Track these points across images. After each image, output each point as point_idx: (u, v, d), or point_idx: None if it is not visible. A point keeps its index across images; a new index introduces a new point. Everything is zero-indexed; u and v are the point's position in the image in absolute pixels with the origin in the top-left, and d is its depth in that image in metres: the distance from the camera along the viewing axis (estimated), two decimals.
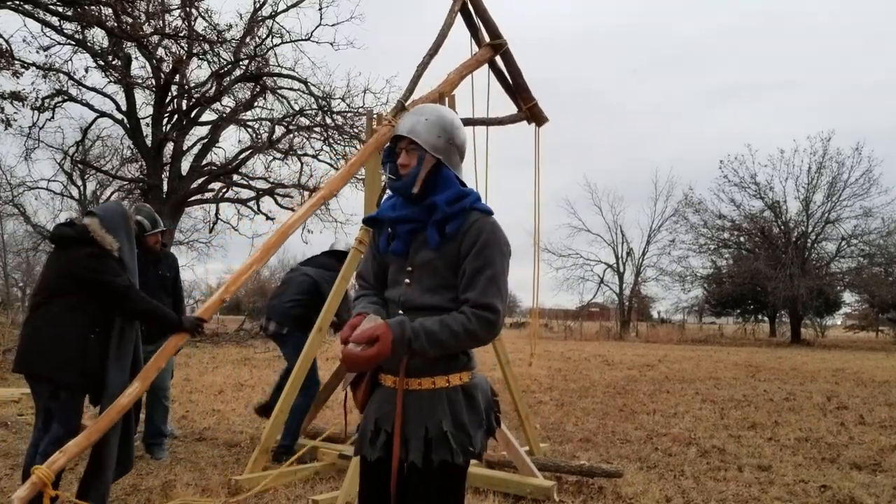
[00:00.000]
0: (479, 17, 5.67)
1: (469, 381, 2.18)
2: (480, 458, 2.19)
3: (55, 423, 3.77)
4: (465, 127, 4.88)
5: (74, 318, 3.81)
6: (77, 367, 3.78)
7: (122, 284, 3.83)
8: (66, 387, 3.77)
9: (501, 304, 2.09)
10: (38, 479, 3.32)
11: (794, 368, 15.30)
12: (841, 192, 31.28)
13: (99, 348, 3.83)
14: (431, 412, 2.11)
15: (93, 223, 3.90)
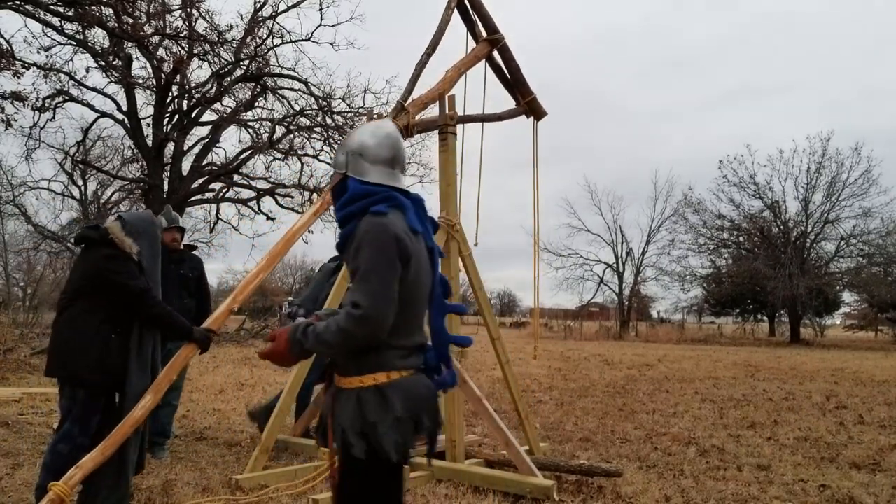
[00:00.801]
0: (476, 13, 5.68)
1: (385, 381, 2.18)
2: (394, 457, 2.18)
3: (69, 423, 3.83)
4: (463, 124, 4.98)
5: (94, 319, 3.87)
6: (97, 368, 3.82)
7: (136, 287, 3.86)
8: (84, 386, 3.83)
9: (367, 300, 2.09)
10: (56, 496, 3.31)
11: (794, 368, 15.31)
12: (840, 192, 31.32)
13: (120, 349, 3.87)
14: (344, 409, 2.19)
15: (114, 226, 3.99)
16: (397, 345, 2.22)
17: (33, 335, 15.58)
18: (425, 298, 2.33)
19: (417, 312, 2.30)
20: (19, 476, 4.74)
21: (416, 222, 2.29)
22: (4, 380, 10.04)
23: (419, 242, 2.28)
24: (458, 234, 5.28)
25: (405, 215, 2.27)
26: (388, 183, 2.33)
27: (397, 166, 2.40)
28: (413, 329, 2.28)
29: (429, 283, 2.32)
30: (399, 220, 2.23)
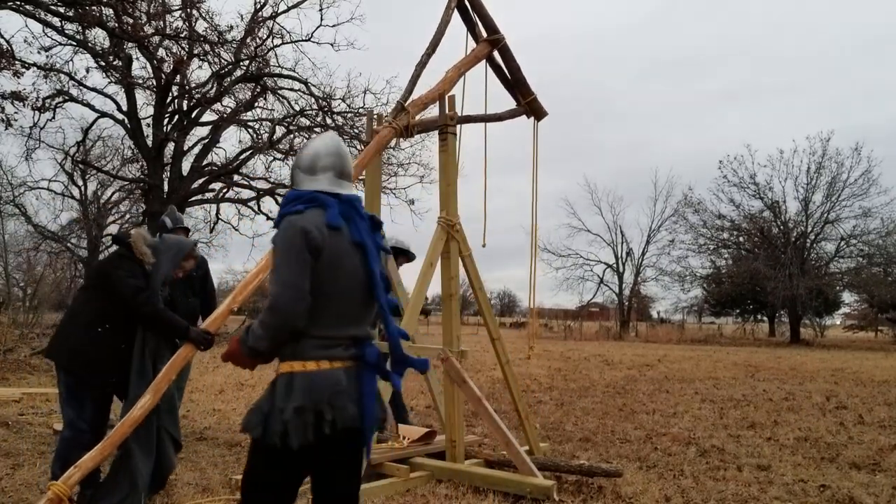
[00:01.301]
0: (476, 13, 5.68)
1: (298, 370, 2.31)
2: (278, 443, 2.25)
3: (66, 407, 4.02)
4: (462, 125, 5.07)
5: (89, 311, 4.06)
6: (78, 357, 3.97)
7: (131, 285, 3.98)
8: (67, 372, 4.01)
9: (275, 290, 2.28)
10: (55, 495, 3.32)
11: (794, 368, 15.31)
12: (840, 193, 31.33)
13: (106, 344, 3.98)
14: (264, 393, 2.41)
15: (137, 234, 4.19)
16: (317, 335, 2.32)
17: (33, 335, 15.57)
18: (356, 291, 2.39)
19: (343, 304, 2.37)
20: (19, 476, 4.74)
21: (335, 218, 2.37)
22: (4, 380, 10.04)
23: (338, 237, 2.36)
24: (458, 235, 5.28)
25: (325, 212, 2.38)
26: (320, 188, 2.46)
27: (329, 171, 2.50)
28: (340, 321, 2.36)
29: (360, 277, 2.39)
30: (315, 217, 2.36)
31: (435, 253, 5.15)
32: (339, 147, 2.56)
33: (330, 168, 2.51)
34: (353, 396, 2.32)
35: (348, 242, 2.39)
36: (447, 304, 5.29)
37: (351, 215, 2.43)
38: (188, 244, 4.47)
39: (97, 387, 4.04)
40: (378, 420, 2.42)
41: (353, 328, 2.39)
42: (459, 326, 5.32)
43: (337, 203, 2.42)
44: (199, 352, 4.03)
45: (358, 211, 2.46)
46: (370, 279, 2.40)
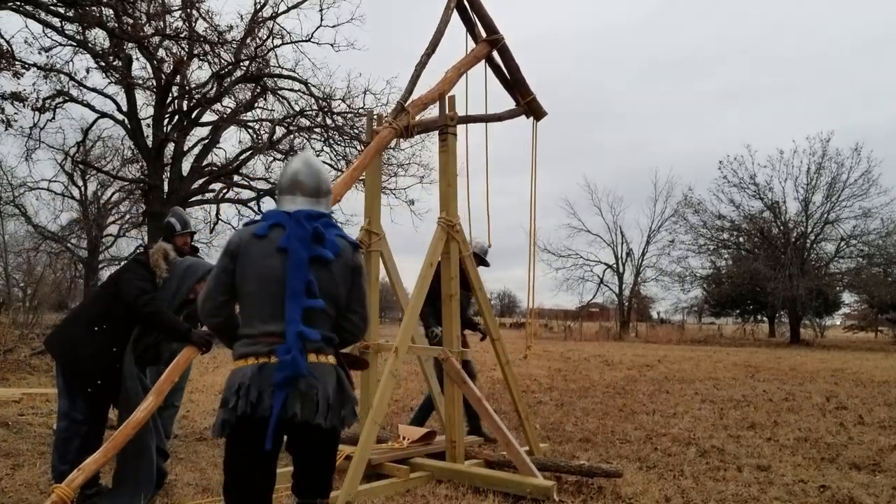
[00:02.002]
0: (475, 13, 5.68)
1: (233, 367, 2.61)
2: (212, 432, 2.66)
3: (62, 398, 4.09)
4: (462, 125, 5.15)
5: (91, 311, 4.14)
6: (70, 353, 4.04)
7: (137, 286, 4.04)
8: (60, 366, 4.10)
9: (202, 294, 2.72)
10: (59, 498, 3.32)
11: (794, 369, 15.31)
12: (840, 193, 31.32)
13: (99, 343, 4.03)
14: None
15: (160, 247, 4.27)
16: (243, 334, 2.62)
17: (33, 336, 15.56)
18: (273, 291, 2.57)
19: (262, 304, 2.59)
20: (19, 476, 4.74)
21: (261, 229, 2.65)
22: (4, 380, 10.04)
23: (260, 243, 2.62)
24: (458, 235, 5.28)
25: (263, 222, 2.69)
26: (281, 209, 2.77)
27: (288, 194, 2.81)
28: (261, 319, 2.58)
29: (279, 279, 2.57)
30: (248, 228, 2.71)
31: (435, 253, 5.15)
32: (300, 171, 2.81)
33: (289, 191, 2.81)
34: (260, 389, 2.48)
35: (273, 248, 2.60)
36: (447, 304, 5.28)
37: (287, 226, 2.64)
38: (204, 268, 4.40)
39: (84, 384, 4.08)
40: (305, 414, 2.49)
41: (272, 325, 2.56)
42: (459, 326, 5.32)
43: (280, 216, 2.69)
44: (201, 354, 4.03)
45: (299, 223, 2.65)
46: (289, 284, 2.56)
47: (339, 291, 2.67)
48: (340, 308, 2.70)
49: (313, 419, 2.50)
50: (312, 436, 2.58)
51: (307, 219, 2.66)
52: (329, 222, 2.74)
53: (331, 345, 2.65)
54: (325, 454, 2.71)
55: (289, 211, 2.71)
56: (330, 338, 2.65)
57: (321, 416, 2.51)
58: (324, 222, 2.70)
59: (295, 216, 2.67)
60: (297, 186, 2.79)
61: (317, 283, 2.59)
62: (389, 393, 4.85)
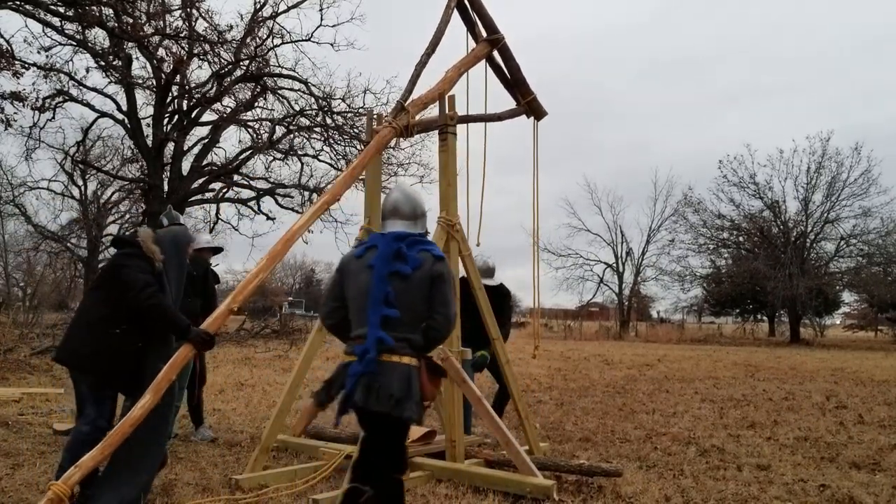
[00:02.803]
0: (476, 13, 5.68)
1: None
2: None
3: (86, 406, 4.04)
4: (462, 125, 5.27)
5: (102, 312, 4.06)
6: (100, 359, 3.99)
7: (140, 279, 4.01)
8: (89, 373, 4.04)
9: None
10: (55, 495, 3.33)
11: (793, 368, 15.32)
12: (840, 192, 31.31)
13: (126, 343, 4.02)
14: None
15: (145, 233, 4.21)
16: (351, 336, 3.15)
17: (33, 335, 15.57)
18: (361, 301, 3.11)
19: (356, 312, 3.14)
20: (19, 476, 4.74)
21: (359, 250, 3.26)
22: (4, 380, 10.04)
23: (358, 262, 3.20)
24: (457, 235, 5.28)
25: (361, 246, 3.29)
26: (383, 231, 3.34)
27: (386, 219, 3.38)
28: (354, 324, 3.15)
29: (365, 291, 3.10)
30: (354, 250, 3.33)
31: None
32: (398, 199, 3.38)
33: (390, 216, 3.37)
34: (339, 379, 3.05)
35: (365, 266, 3.15)
36: None
37: (378, 246, 3.18)
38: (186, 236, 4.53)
39: (118, 386, 4.08)
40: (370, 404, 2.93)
41: (360, 329, 3.08)
42: (459, 326, 5.32)
43: (376, 239, 3.24)
44: (199, 352, 4.03)
45: (387, 243, 3.16)
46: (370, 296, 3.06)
47: (417, 300, 3.08)
48: (420, 313, 3.09)
49: (373, 407, 2.93)
50: (376, 422, 3.02)
51: (394, 239, 3.17)
52: (415, 240, 3.20)
53: (409, 346, 3.04)
54: (385, 441, 3.08)
55: (385, 233, 3.27)
56: (407, 339, 3.03)
57: (381, 405, 2.92)
58: (409, 241, 3.18)
59: (386, 237, 3.21)
60: (397, 212, 3.35)
61: (395, 294, 3.05)
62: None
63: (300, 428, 5.47)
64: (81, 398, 4.08)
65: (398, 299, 3.04)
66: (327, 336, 5.67)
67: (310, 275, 63.71)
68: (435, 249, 3.22)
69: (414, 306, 3.06)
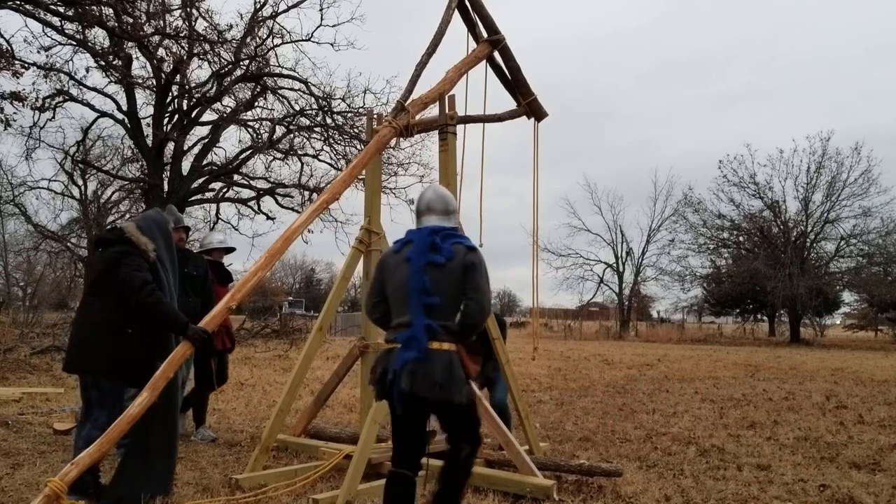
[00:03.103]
0: (476, 13, 5.67)
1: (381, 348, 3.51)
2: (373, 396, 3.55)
3: (97, 410, 4.02)
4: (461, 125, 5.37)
5: (111, 315, 4.05)
6: (115, 361, 4.00)
7: (138, 278, 4.01)
8: (108, 377, 4.04)
9: None
10: (52, 492, 3.33)
11: (794, 368, 15.32)
12: (840, 192, 31.36)
13: (138, 342, 4.05)
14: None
15: (129, 226, 4.21)
16: (391, 325, 3.41)
17: (33, 335, 15.56)
18: (399, 294, 3.33)
19: (396, 303, 3.37)
20: (19, 476, 4.74)
21: (396, 244, 3.52)
22: (4, 380, 10.04)
23: (396, 256, 3.43)
24: None
25: (400, 241, 3.52)
26: (416, 227, 3.58)
27: (421, 216, 3.60)
28: (394, 314, 3.38)
29: (402, 283, 3.31)
30: (392, 245, 3.58)
31: None
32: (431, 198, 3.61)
33: (424, 213, 3.60)
34: (383, 366, 3.26)
35: (402, 260, 3.37)
36: None
37: (414, 240, 3.41)
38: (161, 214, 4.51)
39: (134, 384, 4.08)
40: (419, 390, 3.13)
41: (401, 318, 3.31)
42: None
43: (411, 235, 3.48)
44: (197, 350, 4.04)
45: (422, 237, 3.39)
46: (409, 287, 3.28)
47: (452, 289, 3.27)
48: (456, 302, 3.28)
49: (421, 392, 3.12)
50: (431, 405, 3.25)
51: (429, 233, 3.40)
52: (448, 233, 3.42)
53: (448, 333, 3.23)
54: (451, 417, 3.36)
55: (421, 228, 3.52)
56: (446, 326, 3.24)
57: (428, 390, 3.12)
58: (443, 234, 3.39)
59: (421, 231, 3.46)
60: (431, 209, 3.58)
61: (431, 283, 3.24)
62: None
63: (300, 428, 5.55)
64: (92, 403, 4.05)
65: (435, 288, 3.24)
66: (327, 336, 5.66)
67: (310, 274, 63.71)
68: (467, 241, 3.41)
69: (449, 295, 3.26)
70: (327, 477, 4.83)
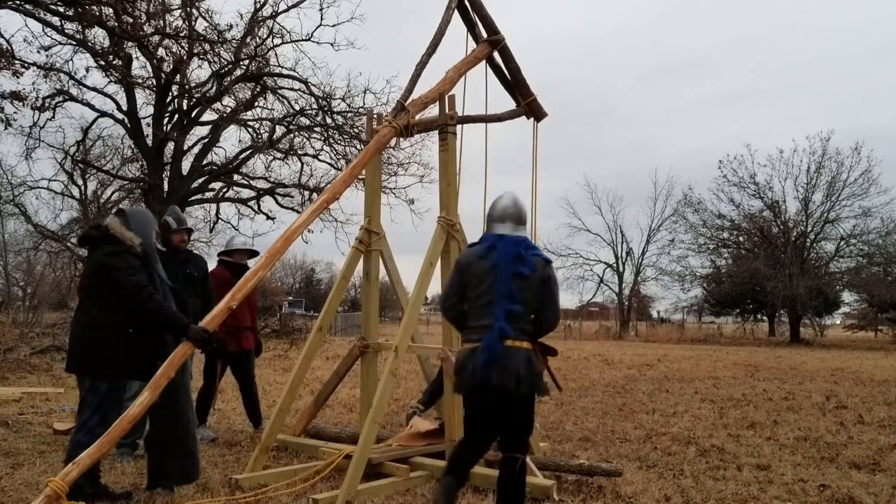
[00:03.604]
0: (476, 13, 5.67)
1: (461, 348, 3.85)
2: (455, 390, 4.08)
3: (88, 412, 4.00)
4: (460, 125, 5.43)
5: (110, 317, 4.04)
6: (115, 363, 4.00)
7: (134, 282, 3.98)
8: (106, 379, 4.03)
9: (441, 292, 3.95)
10: (53, 492, 3.33)
11: (794, 368, 15.32)
12: (840, 192, 31.32)
13: (137, 345, 4.04)
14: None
15: (113, 222, 4.15)
16: (469, 326, 3.80)
17: (33, 335, 15.56)
18: (486, 296, 3.69)
19: (479, 305, 3.73)
20: (19, 476, 4.74)
21: (482, 251, 3.81)
22: (4, 379, 10.04)
23: (483, 260, 3.76)
24: (458, 234, 5.28)
25: (480, 244, 3.86)
26: (495, 232, 3.90)
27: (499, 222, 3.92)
28: (475, 316, 3.74)
29: (489, 287, 3.69)
30: (473, 250, 3.89)
31: (435, 253, 5.15)
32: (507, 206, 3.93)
33: (500, 220, 3.91)
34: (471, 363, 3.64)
35: (488, 265, 3.72)
36: None
37: (498, 248, 3.75)
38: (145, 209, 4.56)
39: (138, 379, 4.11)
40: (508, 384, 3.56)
41: (484, 321, 3.68)
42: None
43: (494, 240, 3.81)
44: (199, 350, 4.04)
45: (507, 246, 3.75)
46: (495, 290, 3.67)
47: (531, 297, 3.70)
48: (533, 308, 3.71)
49: (507, 385, 3.54)
50: (510, 398, 3.63)
51: (513, 244, 3.76)
52: (528, 244, 3.81)
53: (525, 334, 3.68)
54: (520, 414, 3.73)
55: (500, 234, 3.83)
56: (524, 329, 3.67)
57: (513, 383, 3.55)
58: (524, 246, 3.77)
59: (504, 240, 3.78)
60: (506, 217, 3.90)
61: (517, 291, 3.65)
62: (389, 392, 4.85)
63: (300, 427, 5.60)
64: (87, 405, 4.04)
65: (519, 297, 3.65)
66: (327, 336, 5.67)
67: (310, 274, 63.70)
68: (542, 254, 3.85)
69: (528, 303, 3.69)
70: (327, 477, 4.83)
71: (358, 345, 5.72)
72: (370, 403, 4.83)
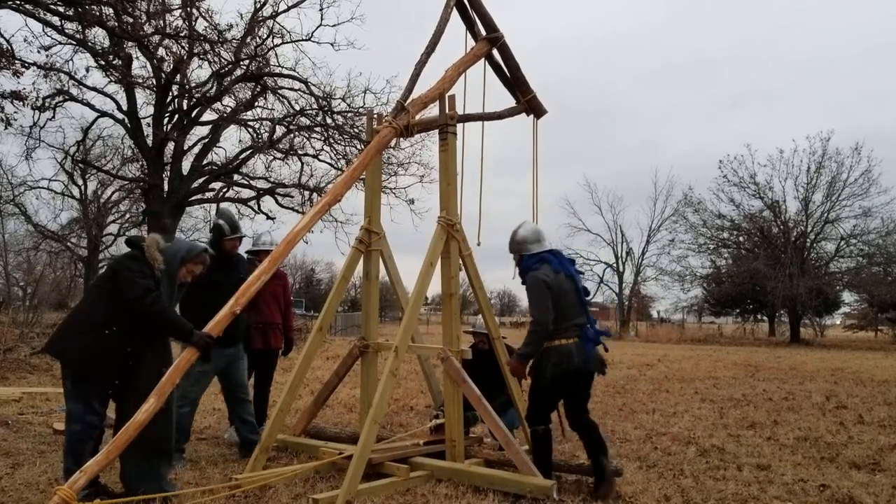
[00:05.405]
0: (475, 11, 5.67)
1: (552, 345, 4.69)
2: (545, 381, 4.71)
3: (70, 402, 4.07)
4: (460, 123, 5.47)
5: (97, 311, 4.07)
6: (82, 355, 3.99)
7: (142, 285, 4.00)
8: (70, 368, 4.05)
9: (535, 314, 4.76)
10: (61, 500, 3.32)
11: (794, 368, 15.31)
12: (840, 192, 31.33)
13: (112, 344, 3.99)
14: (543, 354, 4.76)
15: (151, 239, 4.20)
16: (559, 327, 4.61)
17: (33, 335, 15.54)
18: (572, 301, 4.67)
19: (566, 310, 4.63)
20: (19, 476, 4.74)
21: (557, 266, 4.73)
22: (4, 379, 10.04)
23: (559, 275, 4.70)
24: (457, 234, 5.28)
25: (550, 264, 4.73)
26: (540, 250, 4.86)
27: (540, 242, 4.90)
28: (565, 317, 4.63)
29: (572, 294, 4.71)
30: (545, 269, 4.70)
31: (435, 253, 5.15)
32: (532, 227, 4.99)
33: (533, 241, 4.90)
34: (578, 355, 4.58)
35: (564, 277, 4.72)
36: (447, 303, 5.29)
37: (562, 262, 4.82)
38: (198, 248, 4.40)
39: (104, 386, 4.08)
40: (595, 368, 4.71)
41: (576, 320, 4.68)
42: (460, 326, 5.32)
43: (552, 257, 4.80)
44: (202, 356, 4.02)
45: (562, 259, 4.85)
46: (579, 295, 4.76)
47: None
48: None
49: (594, 370, 4.72)
50: (591, 378, 4.79)
51: (565, 257, 4.93)
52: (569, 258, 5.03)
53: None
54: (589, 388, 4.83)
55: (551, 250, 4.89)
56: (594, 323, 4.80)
57: (596, 368, 4.72)
58: (567, 259, 4.93)
59: (559, 256, 4.86)
60: (541, 236, 4.94)
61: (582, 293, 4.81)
62: (389, 392, 4.85)
63: (301, 427, 5.58)
64: (67, 394, 4.12)
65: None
66: (327, 336, 5.67)
67: (310, 274, 63.66)
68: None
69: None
70: (327, 477, 4.83)
71: (358, 345, 5.71)
72: (370, 403, 4.83)
